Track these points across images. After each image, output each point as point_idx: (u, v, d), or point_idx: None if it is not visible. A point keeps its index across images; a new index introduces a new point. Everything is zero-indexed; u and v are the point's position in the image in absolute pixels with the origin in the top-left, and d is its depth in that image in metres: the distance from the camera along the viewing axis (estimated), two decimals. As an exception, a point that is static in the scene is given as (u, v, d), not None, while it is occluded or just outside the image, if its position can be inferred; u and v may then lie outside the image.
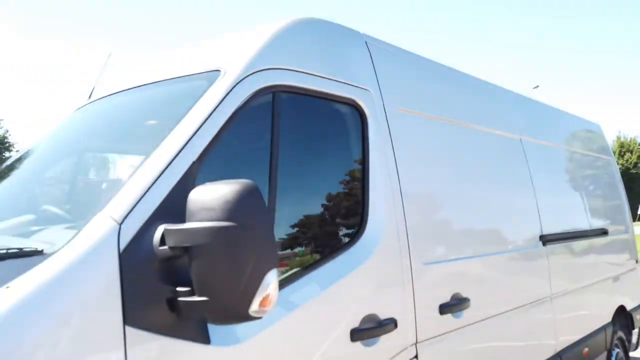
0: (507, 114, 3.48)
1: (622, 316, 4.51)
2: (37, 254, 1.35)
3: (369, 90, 2.28)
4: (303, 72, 2.01)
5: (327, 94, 2.10)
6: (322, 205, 2.05)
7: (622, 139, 47.95)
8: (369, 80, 2.32)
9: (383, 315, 2.01)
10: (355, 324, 1.91)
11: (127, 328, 1.30)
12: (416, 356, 2.15)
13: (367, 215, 2.10)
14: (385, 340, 2.00)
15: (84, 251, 1.30)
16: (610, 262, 4.43)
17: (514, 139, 3.42)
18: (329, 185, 2.12)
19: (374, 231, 2.09)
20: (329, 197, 2.10)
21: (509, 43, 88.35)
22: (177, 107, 1.74)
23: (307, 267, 1.83)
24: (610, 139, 49.24)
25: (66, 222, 1.68)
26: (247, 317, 1.33)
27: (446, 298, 2.38)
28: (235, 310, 1.31)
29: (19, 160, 2.40)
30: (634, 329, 4.75)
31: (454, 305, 2.39)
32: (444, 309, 2.34)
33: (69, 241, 1.33)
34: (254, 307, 1.32)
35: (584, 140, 4.70)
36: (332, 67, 2.17)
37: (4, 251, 1.41)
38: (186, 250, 1.33)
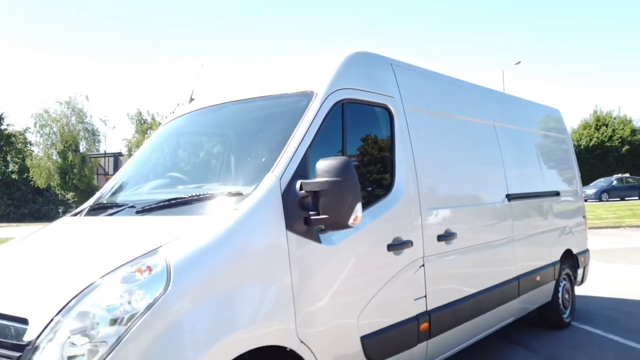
0: (484, 106, 4.76)
1: (570, 258, 5.93)
2: (239, 194, 2.61)
3: (394, 97, 3.52)
4: (357, 89, 3.24)
5: (370, 101, 3.34)
6: (371, 170, 3.32)
7: (598, 113, 49.63)
8: (394, 90, 3.56)
9: (405, 237, 3.30)
10: (390, 241, 3.19)
11: (287, 231, 2.57)
12: (423, 265, 3.46)
13: (394, 177, 3.36)
14: (407, 253, 3.30)
15: (265, 192, 2.56)
16: (560, 217, 5.80)
17: (489, 125, 4.71)
18: (374, 158, 3.38)
19: (399, 187, 3.36)
20: (374, 166, 3.36)
21: (493, 18, 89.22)
22: (290, 116, 2.97)
23: (364, 206, 3.10)
24: (587, 113, 50.92)
25: (238, 181, 2.93)
26: (347, 227, 2.60)
27: (441, 231, 3.68)
28: (341, 222, 2.58)
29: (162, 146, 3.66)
30: (579, 268, 6.19)
31: (446, 236, 3.70)
32: (440, 238, 3.65)
33: (255, 188, 2.59)
34: (350, 221, 2.59)
35: (544, 123, 6.01)
36: (372, 83, 3.41)
37: (218, 193, 2.67)
38: (315, 193, 2.59)
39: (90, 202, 3.59)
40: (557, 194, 5.73)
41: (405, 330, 3.24)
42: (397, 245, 3.23)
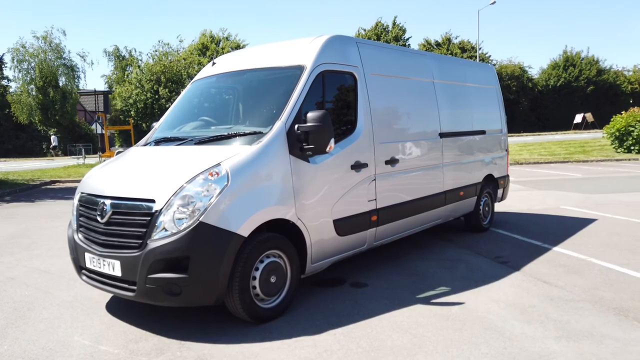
0: (425, 68, 6.47)
1: (491, 180, 7.90)
2: (260, 133, 4.34)
3: (357, 67, 5.21)
4: (332, 63, 4.91)
5: (341, 71, 5.02)
6: (342, 117, 5.05)
7: (568, 53, 51.33)
8: (357, 61, 5.24)
9: (363, 161, 5.10)
10: (352, 163, 4.98)
11: (290, 155, 4.33)
12: (375, 179, 5.28)
13: (356, 121, 5.11)
14: (363, 171, 5.11)
15: (276, 132, 4.29)
16: (484, 149, 7.69)
17: (429, 82, 6.44)
18: (344, 109, 5.09)
19: (360, 128, 5.12)
20: (344, 114, 5.09)
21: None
22: (290, 82, 4.63)
23: (337, 140, 4.84)
24: (557, 53, 52.45)
25: (258, 124, 4.63)
26: (325, 152, 4.37)
27: (388, 158, 5.48)
28: (321, 150, 4.34)
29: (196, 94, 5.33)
30: (499, 188, 8.20)
31: (391, 161, 5.52)
32: (387, 162, 5.47)
33: (270, 129, 4.31)
34: (327, 149, 4.36)
35: (475, 78, 7.71)
36: (343, 58, 5.07)
37: (247, 132, 4.40)
38: (306, 132, 4.32)
39: (148, 137, 5.27)
40: (483, 132, 7.58)
41: (361, 219, 5.12)
42: (357, 166, 5.03)
